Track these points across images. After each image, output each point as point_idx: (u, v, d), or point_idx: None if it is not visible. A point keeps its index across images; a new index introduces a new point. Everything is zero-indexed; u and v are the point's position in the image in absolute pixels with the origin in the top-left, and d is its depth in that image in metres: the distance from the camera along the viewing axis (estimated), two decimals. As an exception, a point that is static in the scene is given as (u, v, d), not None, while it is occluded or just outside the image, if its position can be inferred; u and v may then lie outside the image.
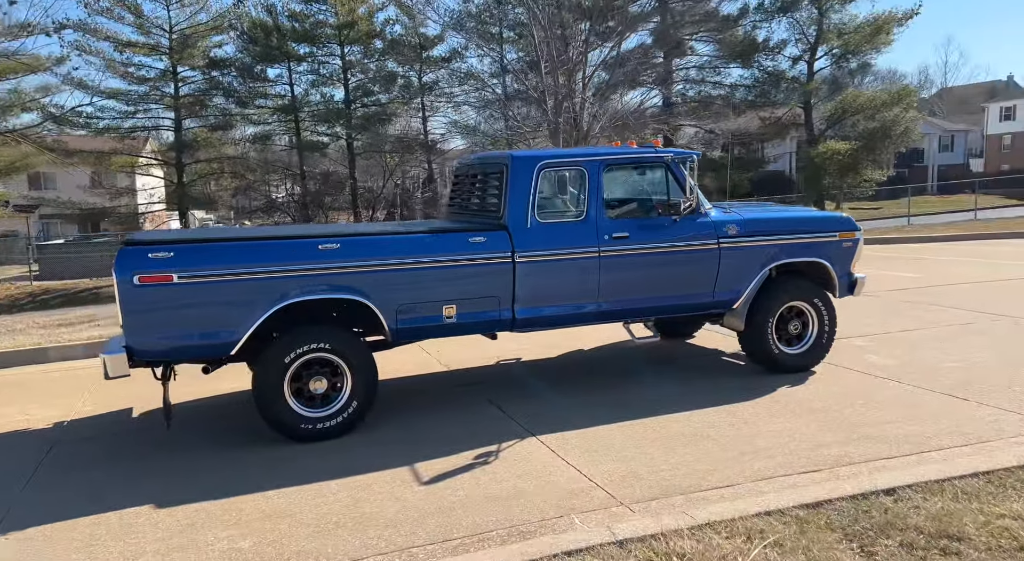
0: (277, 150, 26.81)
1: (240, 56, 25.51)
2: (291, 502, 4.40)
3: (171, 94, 25.65)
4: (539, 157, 5.90)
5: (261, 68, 25.33)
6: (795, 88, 25.01)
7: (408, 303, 5.50)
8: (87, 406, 6.59)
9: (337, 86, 25.99)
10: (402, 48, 25.22)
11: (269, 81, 25.77)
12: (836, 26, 25.56)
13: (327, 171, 25.06)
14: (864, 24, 25.21)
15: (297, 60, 25.52)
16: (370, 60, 25.77)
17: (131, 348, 4.97)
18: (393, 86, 25.64)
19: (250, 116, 25.82)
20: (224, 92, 25.38)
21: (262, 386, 5.23)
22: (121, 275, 4.86)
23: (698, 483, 4.25)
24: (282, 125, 26.07)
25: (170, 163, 26.34)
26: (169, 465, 5.11)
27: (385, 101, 25.99)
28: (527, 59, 23.64)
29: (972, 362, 6.46)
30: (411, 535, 3.88)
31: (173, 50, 24.88)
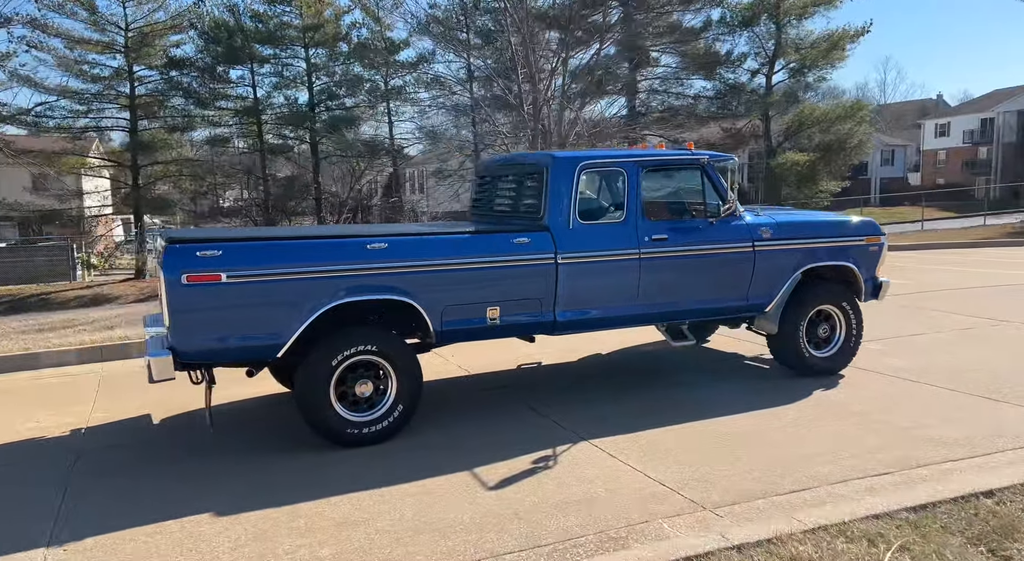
0: (239, 153, 26.15)
1: (200, 56, 24.82)
2: (357, 508, 4.26)
3: (127, 94, 24.82)
4: (580, 158, 5.87)
5: (223, 69, 24.67)
6: (755, 100, 25.61)
7: (453, 305, 5.40)
8: (100, 413, 6.27)
9: (301, 89, 25.51)
10: (368, 52, 24.92)
11: (231, 82, 25.10)
12: (793, 41, 26.29)
13: (291, 175, 24.54)
14: (820, 39, 26.00)
15: (260, 62, 24.94)
16: (335, 63, 25.38)
17: (176, 350, 4.75)
18: (359, 90, 25.30)
19: (211, 118, 25.07)
20: (183, 93, 24.62)
21: (308, 390, 5.06)
22: (169, 274, 4.64)
23: (773, 487, 4.24)
24: (244, 128, 25.43)
25: (124, 165, 25.41)
26: (209, 470, 4.92)
27: (351, 105, 25.62)
28: (494, 66, 23.64)
29: (989, 365, 6.65)
30: (498, 541, 3.78)
31: (129, 48, 24.09)
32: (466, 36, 24.96)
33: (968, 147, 51.72)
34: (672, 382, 6.63)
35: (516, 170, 6.36)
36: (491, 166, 6.99)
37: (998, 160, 48.08)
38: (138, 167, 24.98)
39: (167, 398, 6.53)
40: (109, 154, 27.51)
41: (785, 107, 26.37)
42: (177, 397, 6.48)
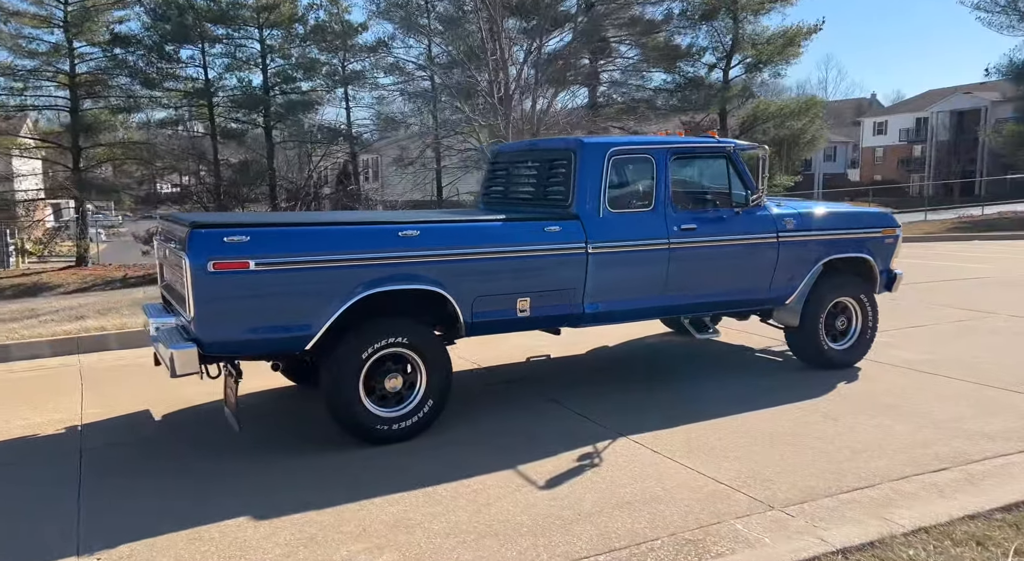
0: (189, 136, 25.16)
1: (148, 34, 23.75)
2: (407, 510, 4.01)
3: (66, 71, 23.60)
4: (609, 144, 5.70)
5: (173, 48, 23.65)
6: (713, 94, 25.86)
7: (484, 295, 5.17)
8: (93, 409, 5.83)
9: (255, 71, 24.69)
10: (325, 34, 24.24)
11: (180, 62, 24.13)
12: (750, 36, 26.61)
13: (246, 160, 23.70)
14: (776, 35, 26.39)
15: (212, 41, 24.04)
16: (291, 45, 24.62)
17: (201, 341, 4.40)
18: (316, 74, 24.60)
19: (159, 99, 24.09)
20: (129, 72, 23.56)
21: (337, 384, 4.78)
22: (195, 260, 4.30)
23: (836, 484, 4.15)
24: (195, 110, 24.48)
25: (64, 147, 24.21)
26: (228, 470, 4.62)
27: (307, 89, 24.91)
28: (458, 53, 23.28)
29: (997, 357, 6.74)
30: (569, 545, 3.59)
31: (69, 23, 22.89)
32: (427, 21, 24.52)
33: (904, 145, 53.56)
34: (689, 375, 6.53)
35: (538, 156, 6.15)
36: (507, 152, 6.75)
37: (932, 158, 49.89)
38: (79, 149, 23.86)
39: (161, 393, 6.14)
40: (46, 135, 26.15)
41: (742, 102, 26.70)
42: (172, 392, 6.10)
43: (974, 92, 47.49)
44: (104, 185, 24.29)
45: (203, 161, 23.71)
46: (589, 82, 24.40)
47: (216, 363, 4.74)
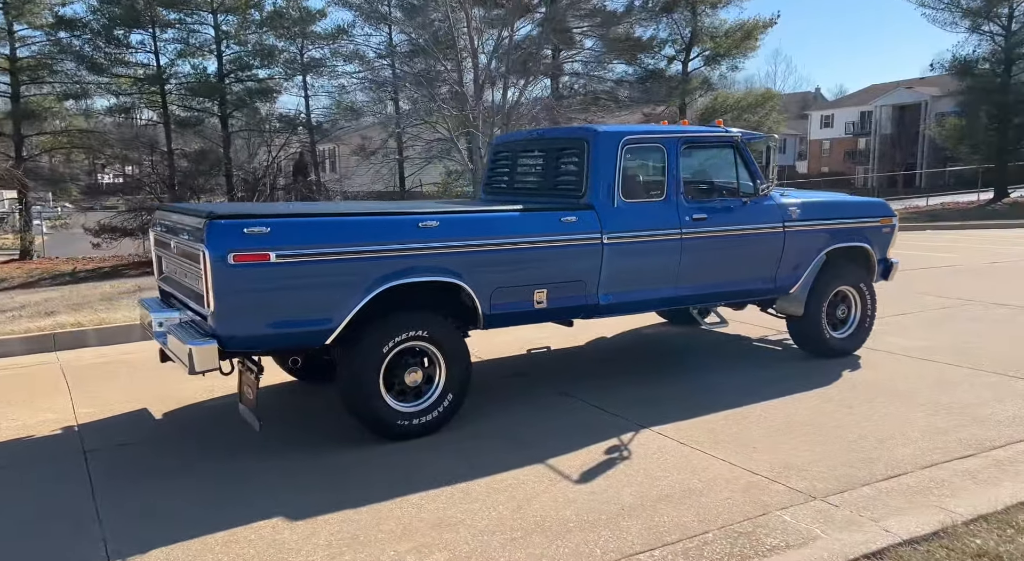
0: (140, 125, 24.25)
1: (95, 17, 22.76)
2: (445, 507, 3.91)
3: (6, 55, 22.50)
4: (623, 132, 5.64)
5: (122, 32, 22.72)
6: (674, 86, 26.06)
7: (503, 287, 5.08)
8: (85, 408, 5.55)
9: (209, 58, 23.89)
10: (283, 21, 23.60)
11: (130, 47, 23.19)
12: (708, 29, 26.89)
13: (202, 150, 22.94)
14: (734, 28, 26.71)
15: (163, 26, 23.14)
16: (247, 31, 23.90)
17: (220, 337, 4.21)
18: (274, 61, 23.95)
19: (108, 85, 23.13)
20: (75, 57, 22.56)
21: (357, 378, 4.63)
22: (215, 252, 4.11)
23: (869, 472, 4.17)
24: (146, 97, 23.59)
25: (5, 134, 23.10)
26: (244, 469, 4.47)
27: (264, 77, 24.25)
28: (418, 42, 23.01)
29: (986, 344, 6.91)
30: (620, 540, 3.53)
31: (8, 4, 21.83)
32: (387, 9, 24.12)
33: (849, 138, 54.98)
34: (694, 365, 6.55)
35: (547, 145, 6.06)
36: (512, 142, 6.64)
37: (876, 151, 51.32)
38: (22, 137, 22.81)
39: (155, 391, 5.92)
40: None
41: (701, 94, 26.98)
42: (166, 390, 5.90)
43: (915, 87, 49.01)
44: (50, 175, 23.28)
45: (155, 151, 22.88)
46: (552, 73, 24.32)
47: (231, 359, 4.55)
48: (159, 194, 22.64)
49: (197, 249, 4.27)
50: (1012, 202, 30.06)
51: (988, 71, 30.80)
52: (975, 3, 30.83)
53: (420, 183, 24.85)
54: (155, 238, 5.48)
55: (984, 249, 14.49)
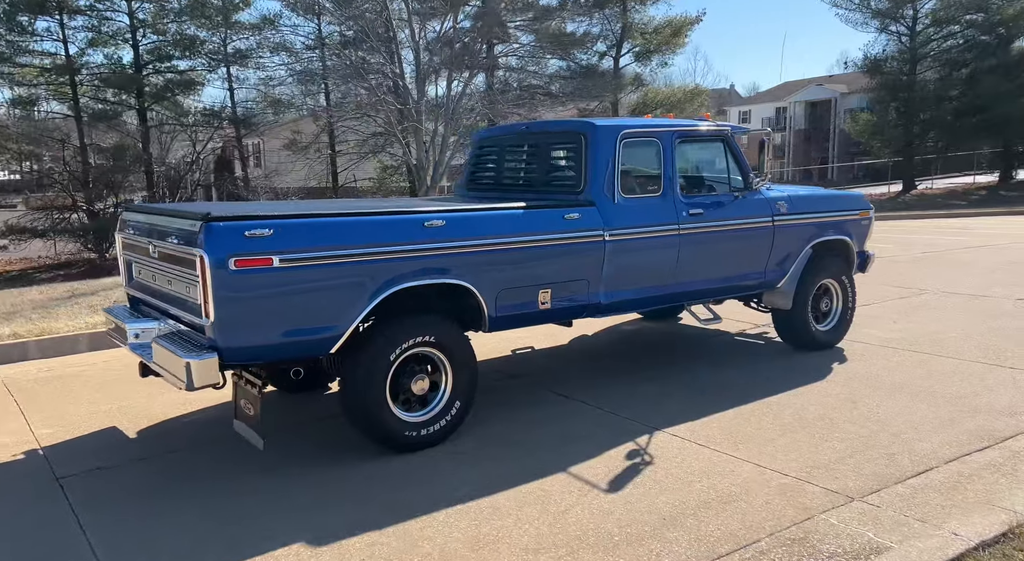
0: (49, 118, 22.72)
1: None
2: (478, 525, 3.69)
3: None
4: (621, 126, 5.50)
5: (27, 19, 21.21)
6: (607, 82, 26.20)
7: (508, 288, 4.86)
8: (44, 429, 5.05)
9: (124, 47, 22.59)
10: (204, 9, 22.50)
11: (36, 35, 21.69)
12: (638, 26, 27.19)
13: (121, 145, 21.66)
14: (663, 25, 27.09)
15: (72, 12, 21.72)
16: (166, 20, 22.69)
17: (221, 348, 3.85)
18: (197, 52, 22.81)
19: (11, 75, 21.56)
20: (-27, 44, 20.94)
21: (363, 388, 4.34)
22: (214, 256, 3.75)
23: (896, 469, 4.15)
24: (54, 89, 22.10)
25: None
26: (246, 490, 4.14)
27: (185, 68, 23.08)
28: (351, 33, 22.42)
29: (958, 333, 7.09)
30: (671, 552, 3.39)
31: None
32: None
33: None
34: (685, 363, 6.46)
35: (540, 140, 5.85)
36: (498, 136, 6.40)
37: (790, 145, 53.13)
38: (-88, 131, 21.06)
39: (119, 406, 5.50)
40: None
41: (633, 90, 27.24)
42: (131, 405, 5.50)
43: (826, 84, 50.96)
44: (-52, 172, 21.57)
45: (67, 146, 21.51)
46: (487, 68, 24.07)
47: (225, 372, 4.17)
48: (72, 192, 21.34)
49: (191, 254, 3.89)
50: (919, 194, 31.65)
51: (896, 69, 32.28)
52: (883, 5, 32.28)
53: (355, 179, 24.20)
54: (124, 242, 5.00)
55: (911, 240, 15.05)
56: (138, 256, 4.79)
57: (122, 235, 5.00)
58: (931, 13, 31.98)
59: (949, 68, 32.04)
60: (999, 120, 29.56)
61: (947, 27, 32.19)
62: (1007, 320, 7.54)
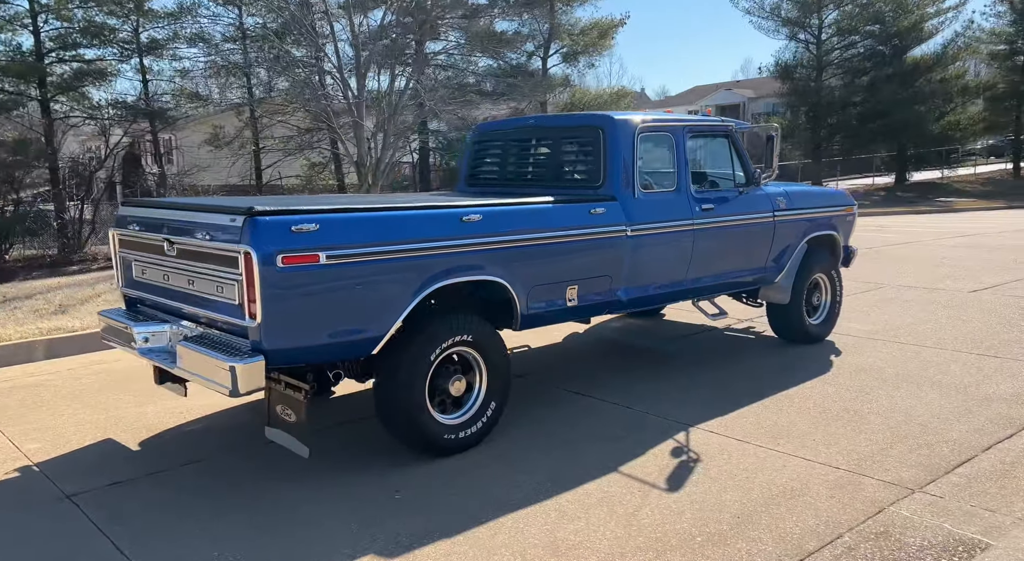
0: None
1: None
2: (551, 529, 3.54)
3: None
4: (638, 120, 5.41)
5: (-87, -1, 19.43)
6: (537, 82, 26.27)
7: (540, 284, 4.72)
8: (32, 444, 4.59)
9: (23, 33, 20.98)
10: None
11: (-78, 18, 19.88)
12: (566, 27, 27.41)
13: (25, 139, 20.08)
14: (590, 27, 27.42)
15: (-35, -5, 20.07)
16: (71, 6, 21.22)
17: (266, 351, 3.54)
18: (106, 41, 21.42)
19: None
20: None
21: (404, 392, 4.11)
22: (262, 253, 3.44)
23: (942, 459, 4.19)
24: (-56, 76, 20.31)
25: None
26: (297, 498, 3.85)
27: (93, 58, 21.64)
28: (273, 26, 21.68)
29: (929, 323, 7.35)
30: (764, 553, 3.32)
31: None
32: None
33: (677, 136, 58.40)
34: (689, 358, 6.47)
35: (550, 133, 5.71)
36: (501, 130, 6.21)
37: (701, 148, 54.89)
38: None
39: (108, 417, 5.11)
40: None
41: (561, 90, 27.44)
42: (121, 414, 5.12)
43: (734, 89, 52.90)
44: None
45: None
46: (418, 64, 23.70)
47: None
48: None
49: (230, 251, 3.56)
50: (828, 195, 33.21)
51: (805, 76, 33.81)
52: (792, 14, 33.76)
53: (280, 176, 23.33)
54: (122, 239, 4.56)
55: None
56: (143, 254, 4.37)
57: (120, 232, 4.56)
58: (835, 23, 33.69)
59: (852, 75, 33.80)
60: (897, 125, 31.39)
61: (849, 37, 33.97)
62: (969, 311, 7.90)
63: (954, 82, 34.85)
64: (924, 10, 33.85)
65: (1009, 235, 15.28)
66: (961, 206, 24.92)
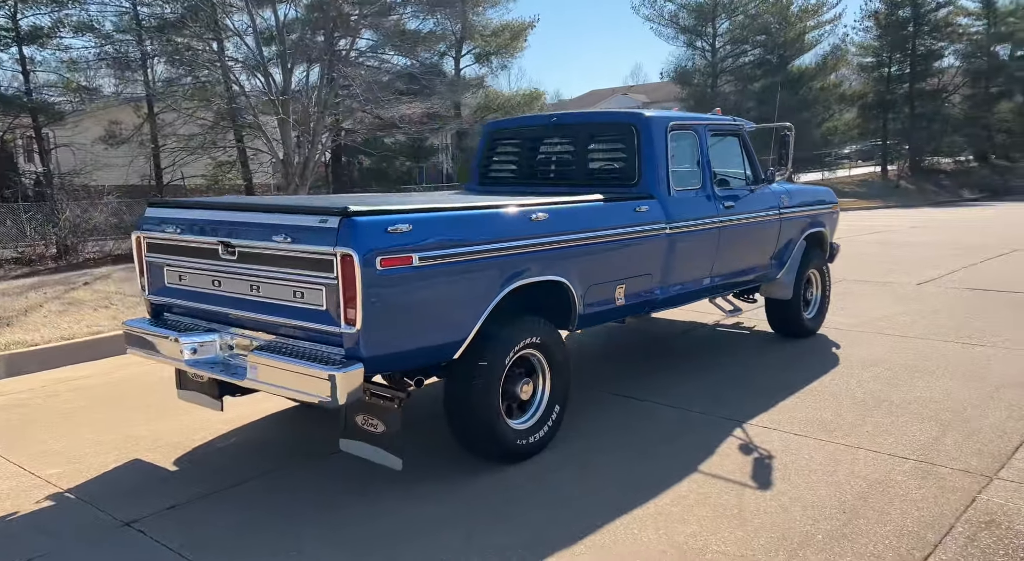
0: None
1: None
2: (667, 534, 3.44)
3: None
4: (669, 117, 5.38)
5: None
6: (450, 83, 26.02)
7: (595, 284, 4.61)
8: (51, 468, 4.09)
9: None
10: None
11: None
12: (478, 28, 27.33)
13: None
14: (501, 28, 27.44)
15: None
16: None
17: (364, 358, 3.28)
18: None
19: None
20: None
21: (482, 397, 3.90)
22: (363, 254, 3.18)
23: (996, 446, 4.31)
24: None
25: None
26: (379, 510, 3.52)
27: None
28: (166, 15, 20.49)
29: (905, 316, 7.69)
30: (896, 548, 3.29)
31: None
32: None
33: (572, 138, 59.44)
34: (695, 353, 6.52)
35: (575, 131, 5.57)
36: (518, 127, 6.02)
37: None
38: None
39: (118, 433, 4.71)
40: None
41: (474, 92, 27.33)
42: (129, 431, 4.67)
43: (630, 93, 54.28)
44: None
45: None
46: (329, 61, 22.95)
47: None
48: None
49: (322, 253, 3.25)
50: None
51: (703, 81, 35.17)
52: (689, 22, 35.08)
53: (183, 176, 21.97)
54: (151, 242, 4.07)
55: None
56: (183, 258, 3.92)
57: (148, 234, 4.07)
58: (728, 32, 35.25)
59: (744, 82, 35.43)
60: (787, 130, 33.07)
61: (741, 46, 35.62)
62: (928, 303, 8.35)
63: (832, 91, 37.27)
64: (805, 23, 35.97)
65: (906, 232, 16.46)
66: (847, 206, 26.58)
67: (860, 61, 39.78)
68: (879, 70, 38.67)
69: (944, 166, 39.89)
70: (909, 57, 37.55)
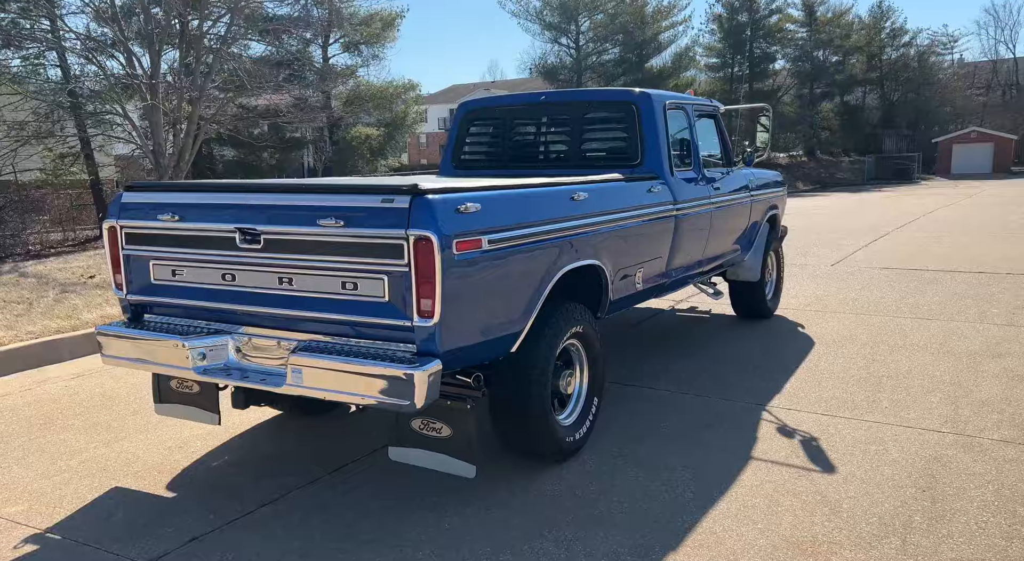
0: None
1: None
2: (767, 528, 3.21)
3: None
4: (664, 96, 5.13)
5: None
6: (317, 71, 24.84)
7: (622, 267, 4.31)
8: (9, 506, 3.21)
9: None
10: None
11: None
12: (346, 15, 26.24)
13: None
14: (371, 17, 26.51)
15: None
16: None
17: (441, 354, 2.86)
18: None
19: None
20: None
21: (536, 392, 3.50)
22: (441, 237, 2.72)
23: (1015, 417, 4.38)
24: None
25: None
26: (454, 522, 3.07)
27: None
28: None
29: (866, 295, 7.85)
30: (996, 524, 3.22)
31: None
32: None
33: (443, 132, 59.00)
34: (677, 340, 6.36)
35: (569, 110, 5.19)
36: (499, 106, 5.55)
37: (458, 146, 55.95)
38: None
39: (78, 459, 3.79)
40: None
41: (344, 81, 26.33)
42: (90, 456, 3.88)
43: (491, 89, 54.46)
44: None
45: None
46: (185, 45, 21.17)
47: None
48: None
49: (389, 237, 2.72)
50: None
51: (568, 78, 35.76)
52: (555, 20, 35.57)
53: (14, 170, 19.50)
54: (131, 233, 3.30)
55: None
56: (182, 250, 3.19)
57: (128, 223, 3.29)
58: (590, 30, 36.06)
59: (607, 80, 36.35)
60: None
61: (603, 44, 36.56)
62: (856, 280, 8.68)
63: (684, 89, 39.04)
64: (659, 23, 37.46)
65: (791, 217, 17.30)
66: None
67: (707, 61, 41.96)
68: (724, 70, 40.93)
69: (780, 160, 42.85)
70: (748, 59, 40.01)
